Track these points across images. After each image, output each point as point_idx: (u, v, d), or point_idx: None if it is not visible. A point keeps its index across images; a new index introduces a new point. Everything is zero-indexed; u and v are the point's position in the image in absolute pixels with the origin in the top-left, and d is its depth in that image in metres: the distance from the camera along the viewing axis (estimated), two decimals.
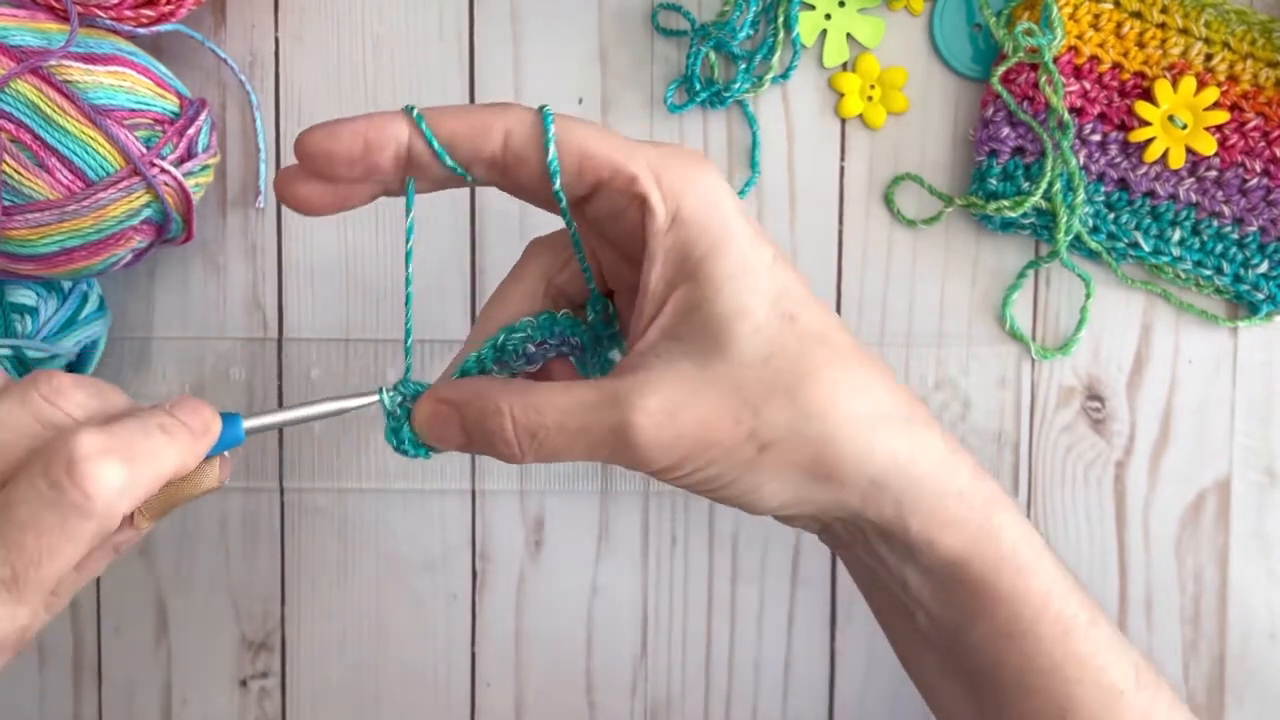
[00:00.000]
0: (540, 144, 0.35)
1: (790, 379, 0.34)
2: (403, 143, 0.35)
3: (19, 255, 0.48)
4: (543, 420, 0.35)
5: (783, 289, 0.35)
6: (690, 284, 0.35)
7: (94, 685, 0.57)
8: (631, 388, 0.34)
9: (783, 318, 0.35)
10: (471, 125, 0.35)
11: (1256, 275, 0.53)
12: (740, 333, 0.34)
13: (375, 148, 0.35)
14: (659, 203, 0.35)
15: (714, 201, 0.35)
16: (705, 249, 0.34)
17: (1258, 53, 0.52)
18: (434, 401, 0.37)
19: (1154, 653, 0.55)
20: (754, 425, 0.34)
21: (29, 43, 0.47)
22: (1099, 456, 0.55)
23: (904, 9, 0.54)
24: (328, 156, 0.35)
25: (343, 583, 0.56)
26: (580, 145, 0.35)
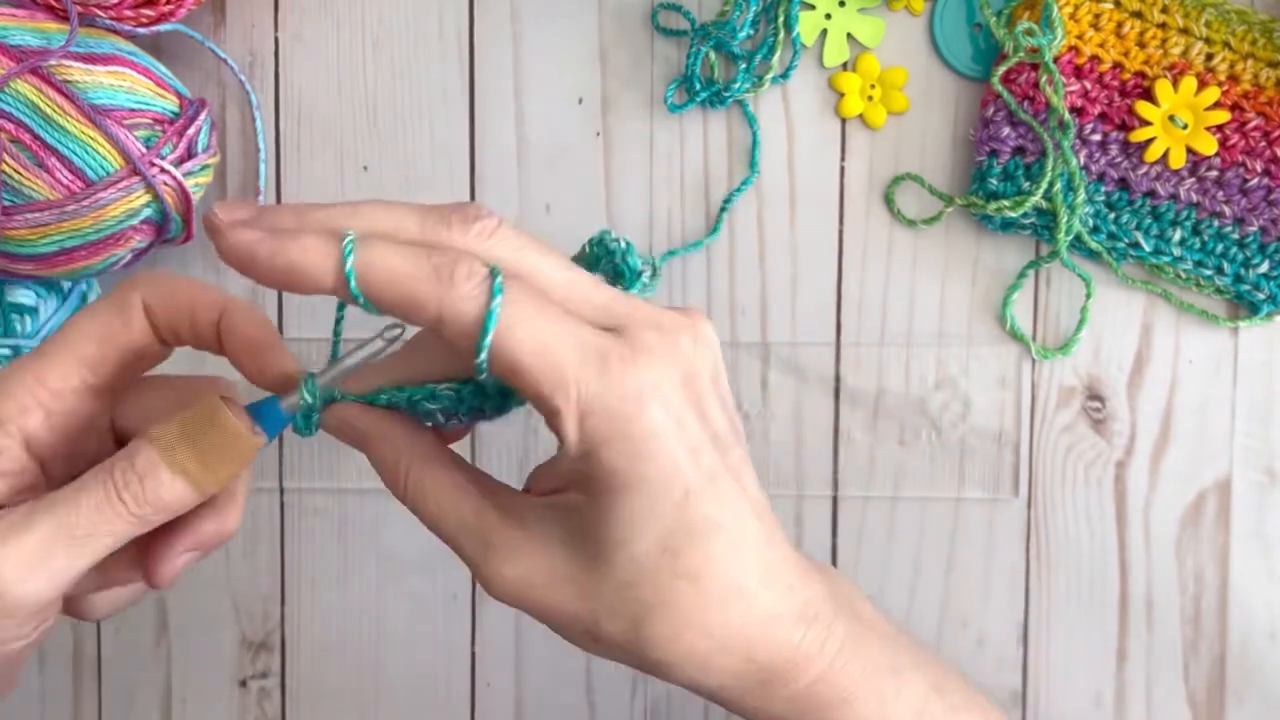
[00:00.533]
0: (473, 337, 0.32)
1: (639, 612, 0.34)
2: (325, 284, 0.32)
3: (19, 255, 0.48)
4: (424, 505, 0.36)
5: (679, 524, 0.33)
6: (585, 498, 0.34)
7: (94, 685, 0.57)
8: (503, 541, 0.35)
9: (663, 552, 0.34)
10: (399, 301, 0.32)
11: (1257, 275, 0.53)
12: (614, 559, 0.34)
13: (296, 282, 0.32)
14: (574, 442, 0.33)
15: (634, 451, 0.32)
16: (607, 490, 0.33)
17: (1258, 52, 0.52)
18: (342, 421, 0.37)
19: (1154, 652, 0.55)
20: (591, 629, 0.35)
21: (29, 42, 0.47)
22: (1099, 456, 0.55)
23: (904, 9, 0.54)
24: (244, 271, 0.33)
25: (343, 583, 0.56)
26: (510, 358, 0.32)
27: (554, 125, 0.55)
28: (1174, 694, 0.55)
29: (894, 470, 0.55)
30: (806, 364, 0.55)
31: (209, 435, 0.33)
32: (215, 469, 0.34)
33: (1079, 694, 0.55)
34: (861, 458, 0.55)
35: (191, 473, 0.33)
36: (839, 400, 0.55)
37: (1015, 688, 0.56)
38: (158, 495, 0.33)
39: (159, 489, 0.33)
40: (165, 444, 0.33)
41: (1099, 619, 0.55)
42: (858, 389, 0.55)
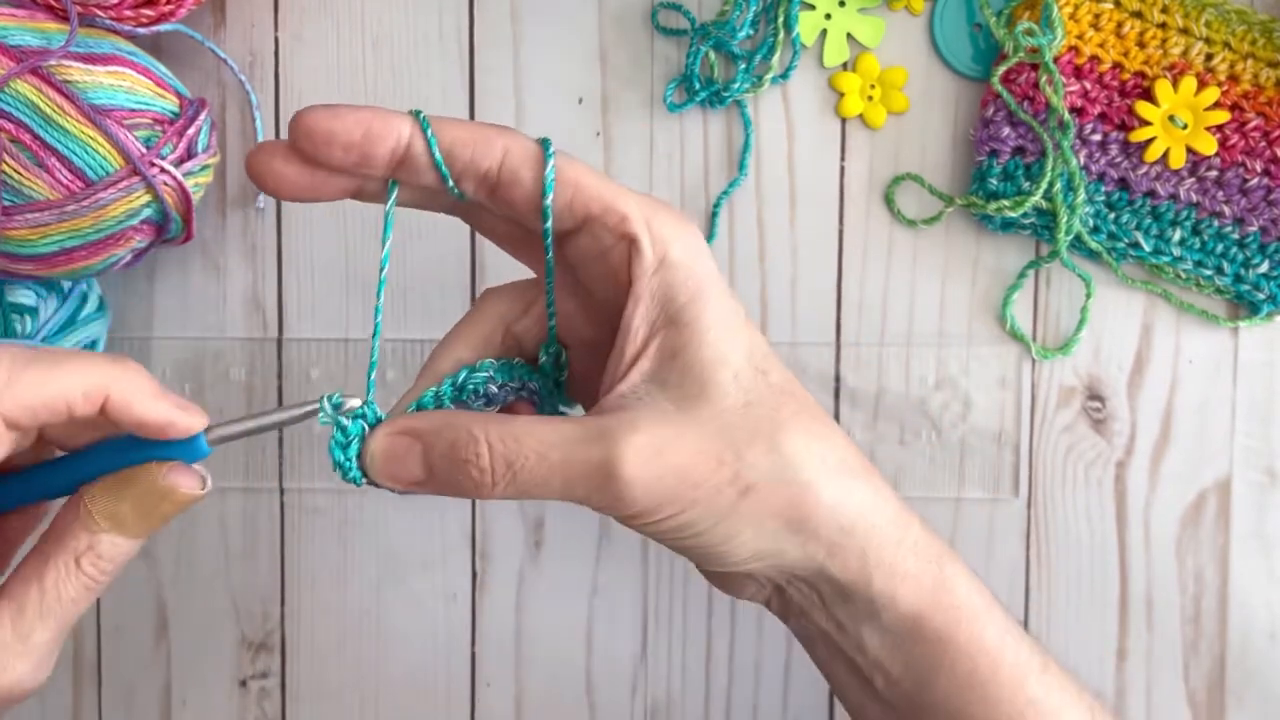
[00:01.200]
0: (537, 165, 0.35)
1: (770, 426, 0.35)
2: (403, 140, 0.35)
3: (19, 255, 0.48)
4: (521, 449, 0.34)
5: (754, 344, 0.36)
6: (673, 329, 0.35)
7: (94, 685, 0.57)
8: (618, 425, 0.34)
9: (756, 371, 0.36)
10: (474, 135, 0.35)
11: (1257, 275, 0.53)
12: (722, 379, 0.35)
13: (375, 138, 0.35)
14: (648, 245, 0.35)
15: (698, 252, 0.36)
16: (689, 296, 0.35)
17: (1258, 52, 0.52)
18: (391, 434, 0.36)
19: (1154, 652, 0.55)
20: (737, 468, 0.35)
21: (29, 43, 0.47)
22: (1099, 456, 0.55)
23: (904, 9, 0.54)
24: (327, 135, 0.34)
25: (343, 583, 0.56)
26: (576, 177, 0.35)
27: (554, 125, 0.55)
28: (1174, 694, 0.55)
29: (894, 470, 0.55)
30: (806, 364, 0.55)
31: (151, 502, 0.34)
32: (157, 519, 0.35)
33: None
34: None
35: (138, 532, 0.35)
36: (839, 400, 0.55)
37: None
38: (113, 557, 0.34)
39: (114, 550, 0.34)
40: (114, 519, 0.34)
41: (1099, 619, 0.55)
42: (858, 389, 0.55)
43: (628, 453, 0.34)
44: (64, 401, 0.33)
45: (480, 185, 0.36)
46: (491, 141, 0.35)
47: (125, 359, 0.34)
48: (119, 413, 0.33)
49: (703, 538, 0.35)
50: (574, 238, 0.37)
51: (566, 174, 0.35)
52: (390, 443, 0.36)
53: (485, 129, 0.36)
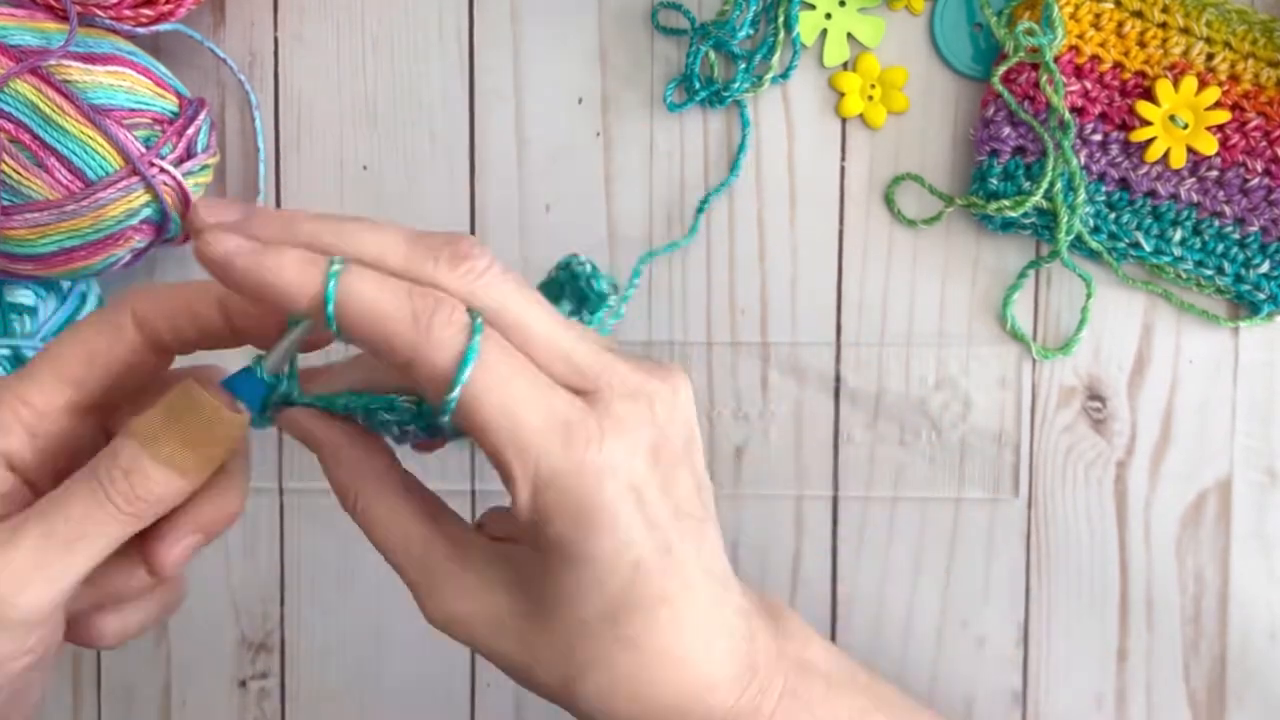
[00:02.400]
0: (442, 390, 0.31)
1: (575, 671, 0.34)
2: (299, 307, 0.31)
3: (18, 255, 0.48)
4: (371, 529, 0.36)
5: (623, 599, 0.33)
6: (535, 560, 0.34)
7: (93, 686, 0.57)
8: (446, 580, 0.35)
9: (604, 620, 0.33)
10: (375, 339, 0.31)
11: (1258, 275, 0.53)
12: (558, 619, 0.34)
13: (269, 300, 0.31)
14: (525, 513, 0.32)
15: (584, 527, 0.32)
16: (556, 561, 0.33)
17: (1259, 52, 0.52)
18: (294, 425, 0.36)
19: (1154, 652, 0.55)
20: (526, 675, 0.35)
21: (28, 42, 0.47)
22: (1100, 456, 0.55)
23: (904, 8, 0.54)
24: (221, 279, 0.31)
25: (342, 583, 0.56)
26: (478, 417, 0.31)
27: (554, 125, 0.55)
28: (1174, 694, 0.55)
29: (894, 470, 0.55)
30: (806, 364, 0.55)
31: (189, 419, 0.32)
32: (201, 453, 0.32)
33: (1079, 694, 0.55)
34: (861, 458, 0.55)
35: (177, 461, 0.32)
36: (839, 400, 0.55)
37: (1015, 688, 0.56)
38: (147, 489, 0.32)
39: (147, 482, 0.32)
40: (147, 435, 0.32)
41: (1099, 619, 0.55)
42: (858, 389, 0.55)
43: (433, 607, 0.35)
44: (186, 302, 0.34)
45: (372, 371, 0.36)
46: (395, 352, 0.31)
47: None
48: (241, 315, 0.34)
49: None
50: None
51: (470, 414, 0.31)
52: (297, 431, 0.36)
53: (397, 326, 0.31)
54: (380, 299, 0.30)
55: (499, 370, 0.31)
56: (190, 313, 0.34)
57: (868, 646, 0.56)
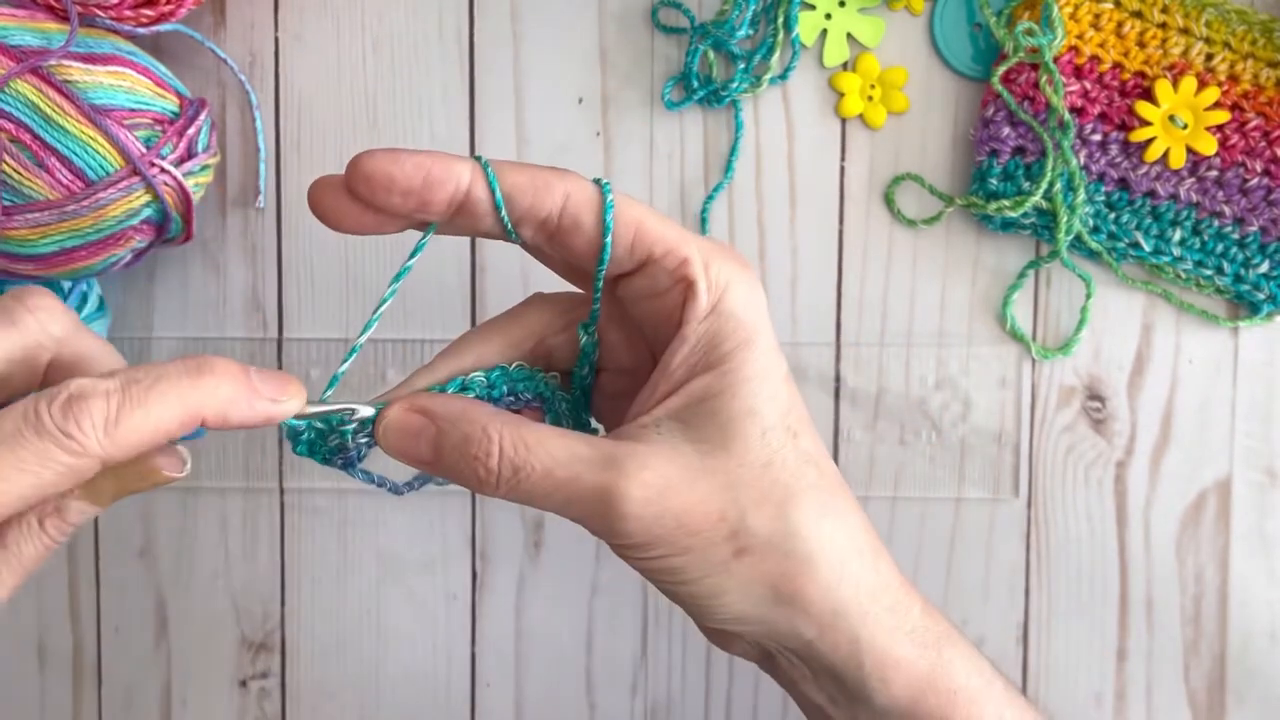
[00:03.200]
0: (598, 210, 0.35)
1: (784, 492, 0.35)
2: (462, 186, 0.34)
3: (19, 255, 0.48)
4: (530, 459, 0.34)
5: (791, 405, 0.36)
6: (712, 374, 0.35)
7: (94, 686, 0.57)
8: (630, 454, 0.34)
9: (787, 431, 0.35)
10: (534, 181, 0.35)
11: (1257, 275, 0.53)
12: (749, 433, 0.34)
13: (434, 184, 0.34)
14: (704, 290, 0.35)
15: (752, 303, 0.35)
16: (735, 344, 0.35)
17: (1258, 53, 0.52)
18: (408, 411, 0.35)
19: (1155, 653, 0.55)
20: (738, 526, 0.34)
21: (29, 42, 0.47)
22: (1100, 456, 0.55)
23: (904, 9, 0.54)
24: (386, 181, 0.34)
25: (343, 583, 0.56)
26: (638, 220, 0.35)
27: (554, 125, 0.55)
28: (1174, 694, 0.55)
29: (894, 470, 0.55)
30: (806, 364, 0.55)
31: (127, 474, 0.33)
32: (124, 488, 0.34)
33: (1079, 694, 0.55)
34: (861, 458, 0.55)
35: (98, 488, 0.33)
36: (839, 400, 0.55)
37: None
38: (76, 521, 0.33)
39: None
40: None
41: (1099, 619, 0.55)
42: (858, 389, 0.55)
43: (631, 487, 0.34)
44: (163, 437, 0.32)
45: (539, 230, 0.36)
46: (552, 187, 0.35)
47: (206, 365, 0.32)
48: (219, 427, 0.33)
49: (690, 587, 0.35)
50: (631, 278, 0.37)
51: (627, 217, 0.35)
52: (406, 419, 0.35)
53: (545, 174, 0.35)
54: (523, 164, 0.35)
55: (640, 205, 0.36)
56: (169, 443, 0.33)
57: None
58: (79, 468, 0.31)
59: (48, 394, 0.31)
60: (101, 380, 0.31)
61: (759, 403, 0.35)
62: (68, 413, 0.30)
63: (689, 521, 0.34)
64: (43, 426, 0.30)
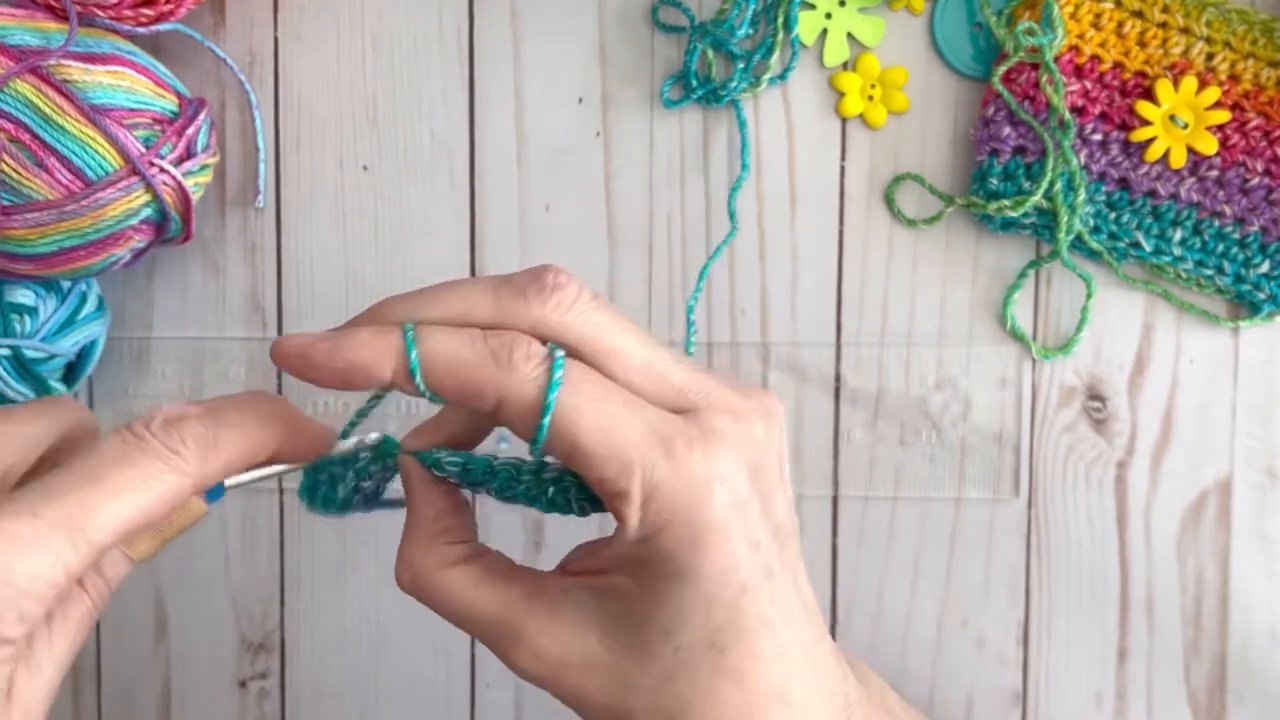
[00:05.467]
0: (532, 419, 0.31)
1: (679, 707, 0.33)
2: (384, 379, 0.32)
3: (18, 255, 0.48)
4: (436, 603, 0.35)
5: (731, 622, 0.32)
6: (637, 583, 0.33)
7: (93, 686, 0.57)
8: (534, 629, 0.34)
9: (709, 648, 0.32)
10: (462, 387, 0.32)
11: (1258, 275, 0.53)
12: (656, 650, 0.33)
13: (355, 378, 0.32)
14: (635, 525, 0.31)
15: (698, 538, 0.31)
16: (662, 578, 0.32)
17: (1259, 52, 0.52)
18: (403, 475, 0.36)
19: (1155, 652, 0.55)
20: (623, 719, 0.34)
21: (28, 42, 0.47)
22: (1100, 456, 0.55)
23: (905, 8, 0.54)
24: (306, 371, 0.32)
25: (342, 583, 0.56)
26: (572, 438, 0.31)
27: (554, 125, 0.55)
28: (1175, 694, 0.55)
29: (894, 470, 0.55)
30: (806, 364, 0.55)
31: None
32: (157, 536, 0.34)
33: (1079, 694, 0.55)
34: (861, 458, 0.55)
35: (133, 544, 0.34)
36: (839, 400, 0.55)
37: (1015, 688, 0.56)
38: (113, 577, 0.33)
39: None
40: None
41: (1099, 619, 0.55)
42: (858, 389, 0.55)
43: (522, 659, 0.34)
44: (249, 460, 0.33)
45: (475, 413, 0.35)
46: (480, 392, 0.31)
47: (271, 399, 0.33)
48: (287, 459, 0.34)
49: None
50: None
51: (566, 439, 0.31)
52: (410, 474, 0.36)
53: (479, 371, 0.31)
54: (459, 349, 0.31)
55: (589, 392, 0.31)
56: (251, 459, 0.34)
57: (868, 646, 0.56)
58: (181, 489, 0.31)
59: (143, 418, 0.31)
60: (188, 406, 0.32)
61: (678, 627, 0.32)
62: (170, 431, 0.31)
63: (577, 702, 0.34)
64: (148, 445, 0.31)
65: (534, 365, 0.31)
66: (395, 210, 0.55)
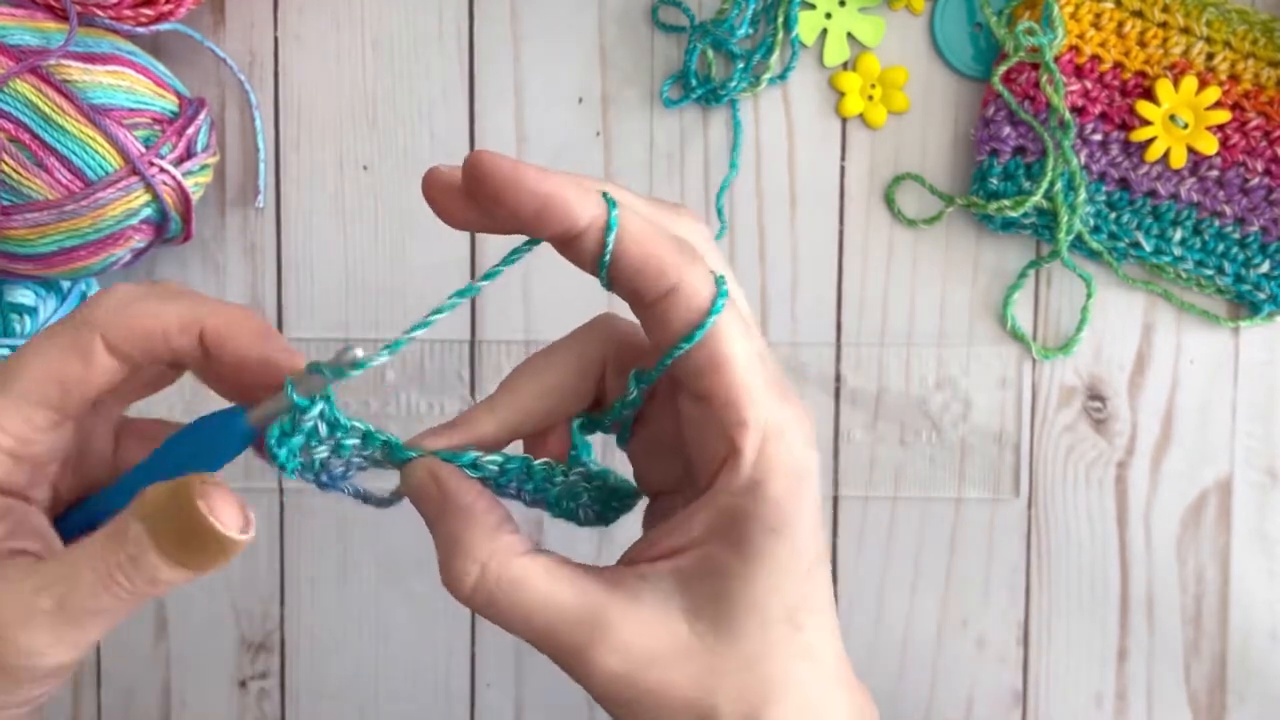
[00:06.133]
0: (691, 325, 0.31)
1: (764, 691, 0.32)
2: (574, 230, 0.30)
3: (18, 255, 0.48)
4: (510, 597, 0.33)
5: (806, 596, 0.33)
6: (730, 551, 0.32)
7: (93, 686, 0.57)
8: (618, 619, 0.32)
9: (790, 624, 0.32)
10: (647, 262, 0.31)
11: (1258, 275, 0.53)
12: (747, 625, 0.32)
13: (546, 220, 0.30)
14: (749, 464, 0.31)
15: (800, 491, 0.32)
16: (765, 532, 0.32)
17: (1259, 52, 0.52)
18: (429, 476, 0.34)
19: (1155, 652, 0.55)
20: (705, 715, 0.32)
21: (28, 42, 0.47)
22: (1100, 456, 0.55)
23: (905, 8, 0.54)
24: (496, 195, 0.30)
25: (342, 583, 0.56)
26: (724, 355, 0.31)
27: (554, 124, 0.55)
28: (1175, 694, 0.55)
29: (894, 470, 0.55)
30: (806, 364, 0.55)
31: (192, 542, 0.31)
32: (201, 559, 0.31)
33: (1079, 694, 0.55)
34: (861, 458, 0.55)
35: (181, 559, 0.31)
36: (839, 400, 0.55)
37: (1015, 688, 0.56)
38: (151, 579, 0.31)
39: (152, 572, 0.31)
40: (153, 522, 0.31)
41: (1099, 619, 0.55)
42: (858, 389, 0.55)
43: (607, 655, 0.32)
44: (160, 329, 0.31)
45: (631, 300, 0.32)
46: (663, 273, 0.31)
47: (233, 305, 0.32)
48: (217, 349, 0.31)
49: None
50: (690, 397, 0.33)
51: (716, 349, 0.31)
52: (424, 482, 0.35)
53: (664, 256, 0.31)
54: (652, 228, 0.31)
55: (740, 323, 0.31)
56: (167, 346, 0.32)
57: (868, 646, 0.56)
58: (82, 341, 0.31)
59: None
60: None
61: (768, 596, 0.32)
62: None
63: (659, 698, 0.33)
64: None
65: (706, 270, 0.31)
66: (395, 210, 0.55)
